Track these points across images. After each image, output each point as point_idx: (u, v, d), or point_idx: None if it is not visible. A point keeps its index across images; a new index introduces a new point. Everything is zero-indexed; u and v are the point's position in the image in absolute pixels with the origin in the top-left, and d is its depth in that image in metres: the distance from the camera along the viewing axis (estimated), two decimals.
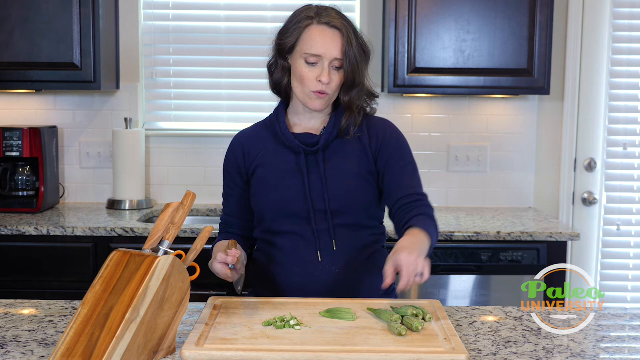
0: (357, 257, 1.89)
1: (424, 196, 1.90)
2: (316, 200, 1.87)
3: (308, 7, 1.89)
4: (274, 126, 1.94)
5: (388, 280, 1.59)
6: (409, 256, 1.58)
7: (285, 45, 1.88)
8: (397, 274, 1.61)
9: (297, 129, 1.94)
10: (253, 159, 1.94)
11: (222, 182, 2.05)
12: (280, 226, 1.90)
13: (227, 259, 1.70)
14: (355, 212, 1.89)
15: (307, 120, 1.95)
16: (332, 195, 1.87)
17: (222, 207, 2.06)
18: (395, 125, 2.01)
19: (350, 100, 1.89)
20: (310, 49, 1.83)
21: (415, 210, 1.84)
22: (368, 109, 1.97)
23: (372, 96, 1.96)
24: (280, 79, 1.93)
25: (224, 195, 2.03)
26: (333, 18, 1.84)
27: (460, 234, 2.85)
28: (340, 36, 1.83)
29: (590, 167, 3.43)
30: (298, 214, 1.88)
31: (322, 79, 1.82)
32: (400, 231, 1.83)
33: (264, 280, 1.95)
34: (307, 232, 1.88)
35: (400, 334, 1.53)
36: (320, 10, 1.87)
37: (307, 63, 1.84)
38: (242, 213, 2.00)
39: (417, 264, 1.58)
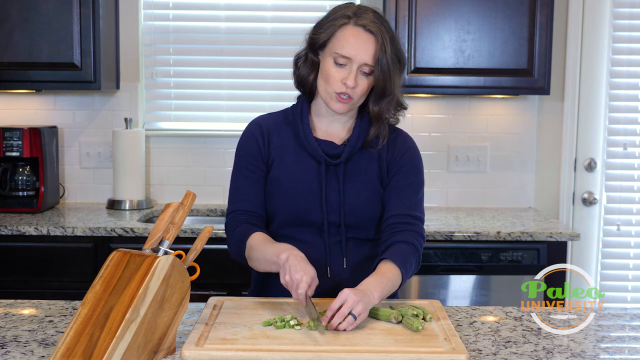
0: (365, 269, 1.87)
1: (417, 219, 1.85)
2: (332, 213, 1.83)
3: (348, 5, 1.81)
4: (297, 126, 1.87)
5: (328, 312, 1.57)
6: (353, 297, 1.56)
7: (317, 40, 1.81)
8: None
9: (319, 133, 1.89)
10: (273, 150, 1.87)
11: (222, 182, 2.01)
12: (291, 232, 1.85)
13: (310, 292, 1.61)
14: (370, 227, 1.87)
15: (329, 123, 1.89)
16: (349, 210, 1.83)
17: (225, 205, 1.91)
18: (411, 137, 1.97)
19: (380, 110, 1.82)
20: (341, 50, 1.75)
21: (400, 234, 1.80)
22: (392, 120, 1.90)
23: (401, 107, 1.90)
24: (307, 74, 1.86)
25: (240, 181, 1.88)
26: (370, 21, 1.76)
27: (460, 234, 2.85)
28: (374, 41, 1.76)
29: (590, 167, 3.43)
30: (311, 224, 1.84)
31: (348, 82, 1.75)
32: (380, 253, 1.80)
33: (266, 284, 1.92)
34: (318, 243, 1.84)
35: (417, 329, 1.54)
36: (359, 11, 1.79)
37: (336, 63, 1.77)
38: (264, 204, 1.88)
39: (355, 306, 1.55)
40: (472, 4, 3.04)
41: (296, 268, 1.61)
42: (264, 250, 1.74)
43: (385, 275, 1.70)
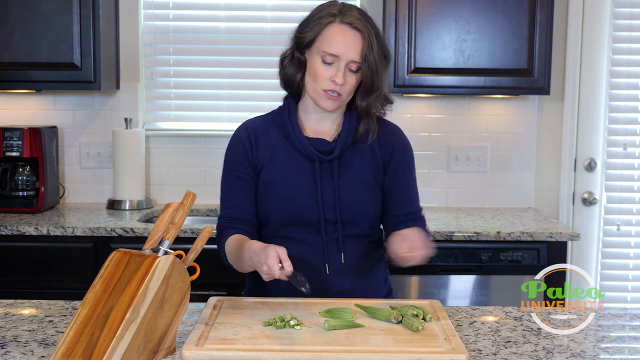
0: (362, 267, 1.87)
1: (419, 212, 1.95)
2: (328, 211, 1.84)
3: (332, 3, 1.83)
4: (286, 126, 1.87)
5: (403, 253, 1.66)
6: (418, 234, 1.69)
7: (303, 39, 1.82)
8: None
9: (309, 132, 1.89)
10: (262, 153, 1.88)
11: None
12: (288, 232, 1.86)
13: (287, 266, 1.60)
14: (364, 223, 1.88)
15: (318, 121, 1.90)
16: (344, 206, 1.84)
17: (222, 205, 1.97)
18: (398, 126, 1.99)
19: (368, 105, 1.84)
20: (329, 48, 1.77)
21: (411, 222, 1.88)
22: (378, 113, 1.91)
23: (388, 101, 1.91)
24: (294, 74, 1.86)
25: (228, 188, 1.90)
26: (356, 19, 1.78)
27: (460, 234, 2.85)
28: (360, 38, 1.77)
29: (590, 167, 3.43)
30: (308, 223, 1.85)
31: (336, 80, 1.77)
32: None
33: (260, 283, 1.89)
34: (316, 241, 1.85)
35: (417, 329, 1.54)
36: (344, 8, 1.80)
37: (324, 61, 1.78)
38: (253, 208, 1.89)
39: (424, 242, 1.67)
40: (472, 4, 3.04)
41: (259, 257, 1.62)
42: (239, 255, 1.77)
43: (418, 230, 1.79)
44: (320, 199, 1.83)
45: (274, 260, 1.58)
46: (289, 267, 1.59)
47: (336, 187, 1.84)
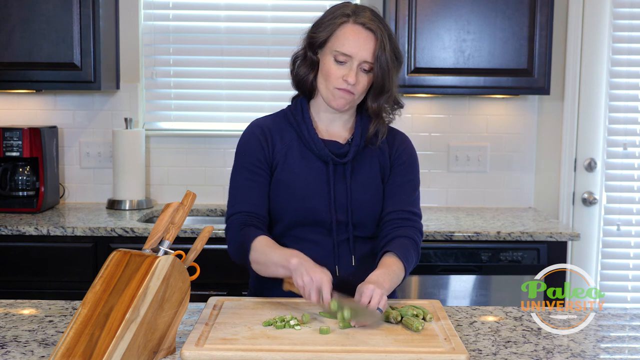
0: (370, 266, 1.87)
1: (416, 216, 1.89)
2: (339, 212, 1.84)
3: (345, 4, 1.84)
4: (300, 127, 1.87)
5: (364, 299, 1.60)
6: (379, 291, 1.61)
7: (317, 39, 1.82)
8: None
9: (320, 132, 1.89)
10: (277, 152, 1.87)
11: (222, 182, 2.00)
12: (299, 232, 1.86)
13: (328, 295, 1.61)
14: (373, 224, 1.89)
15: (330, 122, 1.90)
16: (356, 208, 1.85)
17: (226, 205, 1.92)
18: (394, 125, 2.00)
19: (379, 106, 1.85)
20: (342, 48, 1.78)
21: (401, 229, 1.84)
22: (387, 118, 1.91)
23: (398, 105, 1.91)
24: (306, 74, 1.86)
25: (243, 182, 1.86)
26: (369, 19, 1.79)
27: (460, 234, 2.85)
28: (374, 39, 1.79)
29: (590, 167, 3.43)
30: (319, 224, 1.85)
31: (349, 79, 1.77)
32: (381, 247, 1.83)
33: (264, 285, 1.91)
34: (326, 243, 1.85)
35: (417, 329, 1.54)
36: (358, 9, 1.82)
37: (336, 61, 1.79)
38: (267, 206, 1.87)
39: (381, 300, 1.60)
40: (472, 4, 3.04)
41: (314, 270, 1.62)
42: (271, 254, 1.74)
43: (391, 267, 1.74)
44: (333, 200, 1.84)
45: (329, 285, 1.61)
46: (327, 295, 1.60)
47: (348, 189, 1.85)
